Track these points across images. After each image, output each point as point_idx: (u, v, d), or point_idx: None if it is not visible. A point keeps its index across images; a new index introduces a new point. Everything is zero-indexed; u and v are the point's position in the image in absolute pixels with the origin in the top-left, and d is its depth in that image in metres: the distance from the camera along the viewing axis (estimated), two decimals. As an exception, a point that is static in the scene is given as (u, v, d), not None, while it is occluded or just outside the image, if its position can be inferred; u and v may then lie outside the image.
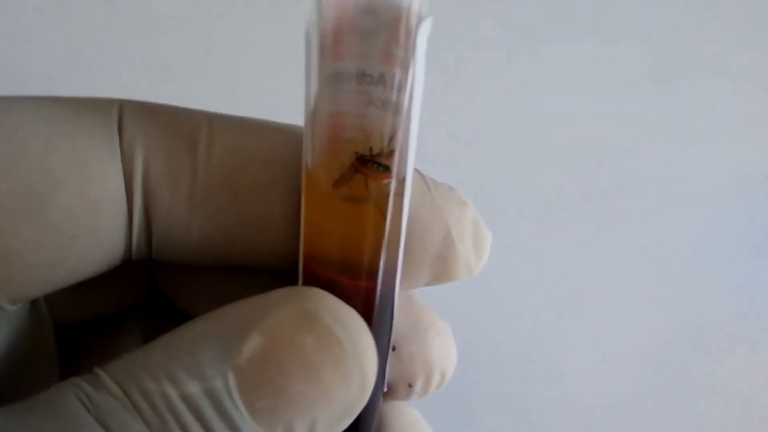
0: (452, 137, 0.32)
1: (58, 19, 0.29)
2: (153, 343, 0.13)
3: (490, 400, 0.33)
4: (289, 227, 0.15)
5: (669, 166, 0.33)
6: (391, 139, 0.13)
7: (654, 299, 0.34)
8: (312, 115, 0.13)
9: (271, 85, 0.30)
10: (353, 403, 0.13)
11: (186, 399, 0.12)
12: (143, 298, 0.19)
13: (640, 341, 0.34)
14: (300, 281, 0.14)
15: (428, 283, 0.16)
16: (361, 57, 0.12)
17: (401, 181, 0.14)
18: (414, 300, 0.16)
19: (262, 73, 0.30)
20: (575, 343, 0.33)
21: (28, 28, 0.29)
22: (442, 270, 0.16)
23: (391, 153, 0.13)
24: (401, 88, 0.13)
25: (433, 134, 0.32)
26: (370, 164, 0.13)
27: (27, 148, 0.13)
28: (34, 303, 0.16)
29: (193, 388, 0.12)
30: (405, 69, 0.13)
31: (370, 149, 0.13)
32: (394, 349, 0.16)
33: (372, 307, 0.14)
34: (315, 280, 0.14)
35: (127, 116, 0.14)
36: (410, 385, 0.16)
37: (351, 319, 0.13)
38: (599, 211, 0.33)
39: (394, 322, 0.15)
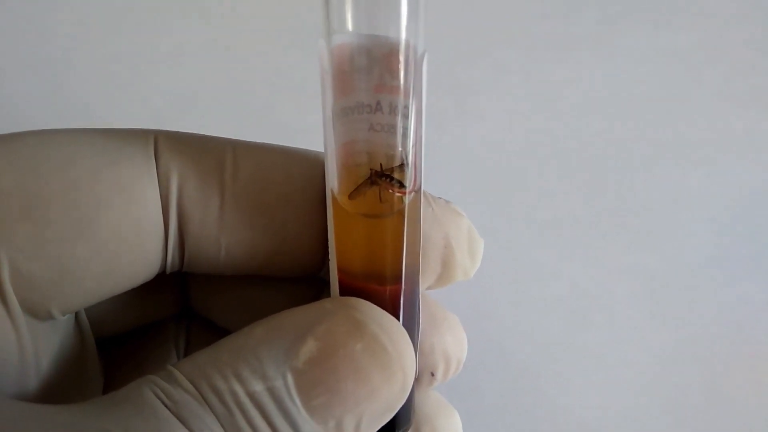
0: (465, 156, 0.34)
1: (90, 49, 0.32)
2: (219, 344, 0.15)
3: (499, 408, 0.34)
4: (306, 239, 0.17)
5: (673, 186, 0.34)
6: (397, 156, 0.15)
7: (658, 315, 0.34)
8: (331, 147, 0.15)
9: (287, 112, 0.32)
10: (396, 399, 0.15)
11: (251, 396, 0.14)
12: (173, 311, 0.21)
13: (644, 356, 0.34)
14: (336, 291, 0.16)
15: (430, 287, 0.18)
16: (359, 90, 0.14)
17: (416, 192, 0.15)
18: (427, 297, 0.18)
19: (279, 100, 0.32)
20: (581, 356, 0.34)
21: (64, 57, 0.31)
22: (443, 274, 0.17)
23: (400, 167, 0.15)
24: (399, 112, 0.15)
25: (445, 154, 0.33)
26: (383, 177, 0.15)
27: (78, 177, 0.15)
28: (77, 315, 0.18)
29: (257, 387, 0.14)
30: (403, 94, 0.14)
31: (380, 165, 0.15)
32: None
33: (399, 306, 0.16)
34: (348, 288, 0.16)
35: (161, 145, 0.16)
36: (432, 374, 0.18)
37: (394, 328, 0.15)
38: (606, 229, 0.34)
39: (421, 316, 0.17)
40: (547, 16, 0.34)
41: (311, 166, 0.17)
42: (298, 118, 0.28)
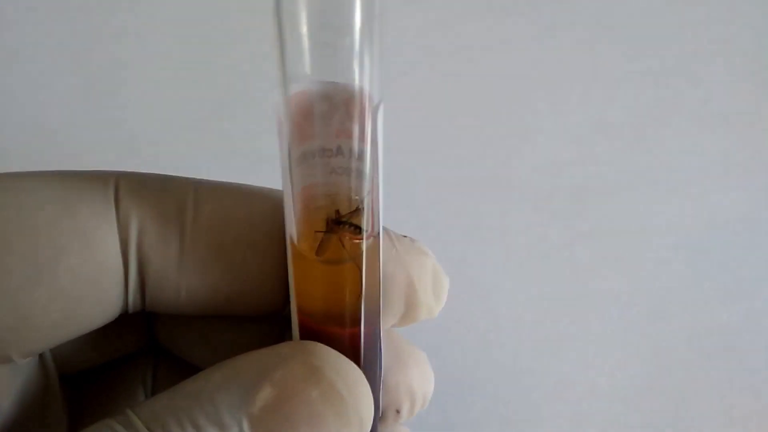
0: (441, 183, 0.34)
1: (58, 73, 0.31)
2: (178, 389, 0.15)
3: (489, 413, 0.34)
4: (267, 280, 0.17)
5: (646, 212, 0.35)
6: (356, 200, 0.15)
7: (631, 342, 0.34)
8: (289, 193, 0.15)
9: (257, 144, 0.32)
10: None
11: None
12: (140, 346, 0.21)
13: (616, 383, 0.35)
14: (297, 333, 0.16)
15: (394, 325, 0.18)
16: (321, 136, 0.14)
17: (374, 236, 0.15)
18: (393, 334, 0.18)
19: (250, 131, 0.32)
20: (553, 385, 0.34)
21: (39, 81, 0.31)
22: (407, 313, 0.17)
23: (357, 211, 0.15)
24: (358, 156, 0.15)
25: (423, 181, 0.33)
26: (341, 225, 0.15)
27: (35, 222, 0.15)
28: (40, 355, 0.18)
29: None
30: (361, 139, 0.15)
31: (337, 212, 0.15)
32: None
33: (359, 348, 0.16)
34: (309, 331, 0.16)
35: (122, 189, 0.16)
36: (398, 411, 0.18)
37: (351, 373, 0.15)
38: (581, 255, 0.34)
39: (383, 356, 0.17)
40: (521, 40, 0.34)
41: (273, 205, 0.17)
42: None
